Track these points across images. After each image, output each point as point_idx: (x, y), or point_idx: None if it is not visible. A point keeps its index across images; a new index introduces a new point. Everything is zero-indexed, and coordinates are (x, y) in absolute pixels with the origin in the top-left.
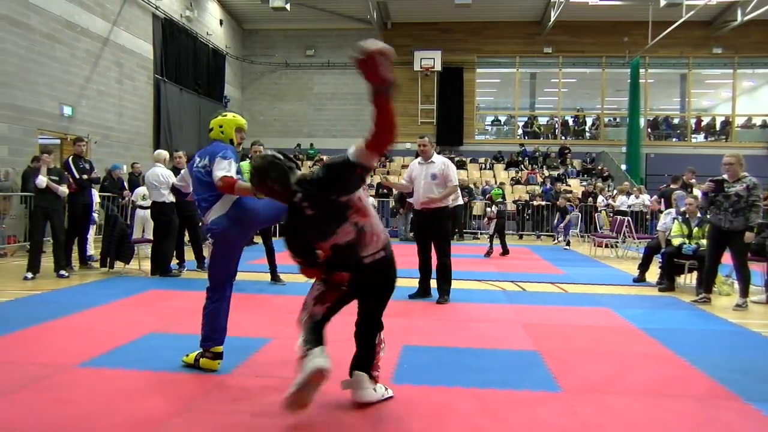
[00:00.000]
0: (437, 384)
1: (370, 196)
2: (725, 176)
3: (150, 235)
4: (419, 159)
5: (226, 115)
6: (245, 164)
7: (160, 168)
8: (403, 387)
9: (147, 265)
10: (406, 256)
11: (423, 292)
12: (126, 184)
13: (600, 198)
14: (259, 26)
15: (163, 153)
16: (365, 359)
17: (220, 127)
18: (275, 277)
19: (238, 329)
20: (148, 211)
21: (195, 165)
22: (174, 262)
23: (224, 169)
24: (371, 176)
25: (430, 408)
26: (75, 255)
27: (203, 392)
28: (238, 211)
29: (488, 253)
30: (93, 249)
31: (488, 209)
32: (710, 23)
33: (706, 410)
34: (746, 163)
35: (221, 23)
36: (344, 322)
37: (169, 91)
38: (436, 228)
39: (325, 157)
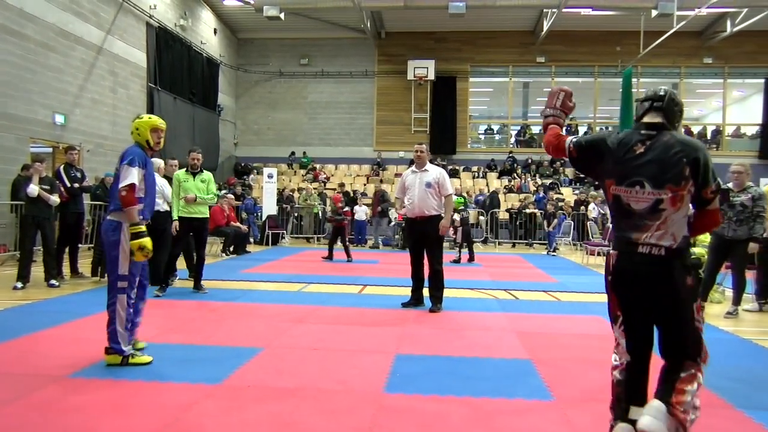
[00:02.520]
0: (430, 393)
1: (364, 204)
2: (730, 185)
3: None
4: (413, 167)
5: (141, 117)
6: (181, 173)
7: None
8: (395, 396)
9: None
10: (398, 264)
11: (416, 300)
12: None
13: (591, 206)
14: (254, 35)
15: (158, 161)
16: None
17: (137, 129)
18: (198, 286)
19: (228, 338)
20: None
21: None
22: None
23: (128, 178)
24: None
25: (423, 417)
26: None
27: (193, 403)
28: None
29: (457, 260)
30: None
31: (455, 216)
32: (701, 33)
33: (700, 418)
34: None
35: (215, 32)
36: None
37: (163, 100)
38: (430, 236)
39: (318, 166)
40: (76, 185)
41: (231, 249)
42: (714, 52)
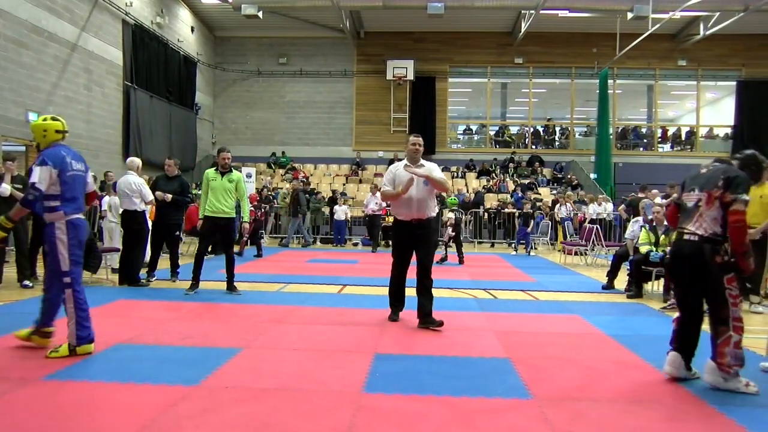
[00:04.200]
0: (410, 392)
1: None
2: None
3: (117, 244)
4: (404, 162)
5: (46, 119)
6: (210, 171)
7: (132, 176)
8: (375, 396)
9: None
10: (377, 264)
11: (398, 314)
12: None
13: (562, 207)
14: (232, 34)
15: (136, 161)
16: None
17: (44, 131)
18: (231, 287)
19: (207, 339)
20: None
21: None
22: (143, 271)
23: (32, 177)
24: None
25: (403, 417)
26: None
27: (170, 404)
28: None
29: (441, 259)
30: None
31: (449, 215)
32: (675, 36)
33: (673, 415)
34: None
35: (193, 30)
36: None
37: (139, 99)
38: (427, 237)
39: (297, 165)
40: None
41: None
42: (688, 54)
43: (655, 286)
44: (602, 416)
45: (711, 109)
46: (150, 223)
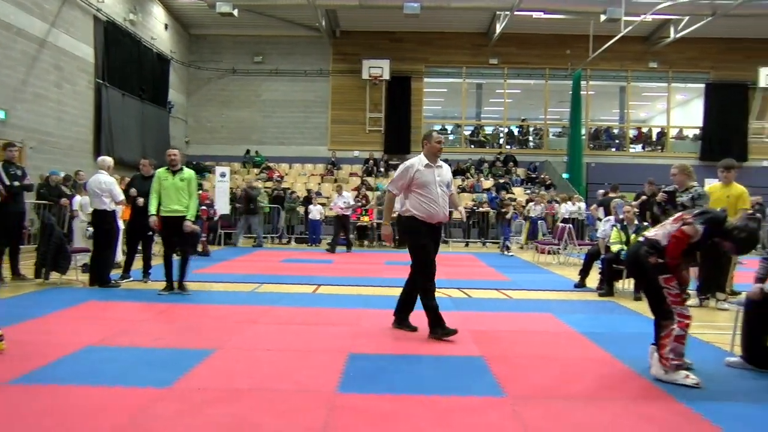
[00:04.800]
0: (384, 392)
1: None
2: (676, 186)
3: (84, 244)
4: (426, 161)
5: None
6: (161, 171)
7: (103, 175)
8: (349, 395)
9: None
10: (352, 264)
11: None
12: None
13: (536, 206)
14: (206, 32)
15: (108, 160)
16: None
17: None
18: (181, 286)
19: (180, 340)
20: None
21: None
22: (115, 271)
23: None
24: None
25: (377, 416)
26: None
27: (142, 408)
28: None
29: None
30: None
31: None
32: (647, 39)
33: (643, 410)
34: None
35: (166, 27)
36: None
37: (111, 96)
38: (440, 238)
39: (271, 165)
40: (17, 183)
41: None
42: (659, 56)
43: (626, 285)
44: (575, 414)
45: (681, 110)
46: (121, 223)
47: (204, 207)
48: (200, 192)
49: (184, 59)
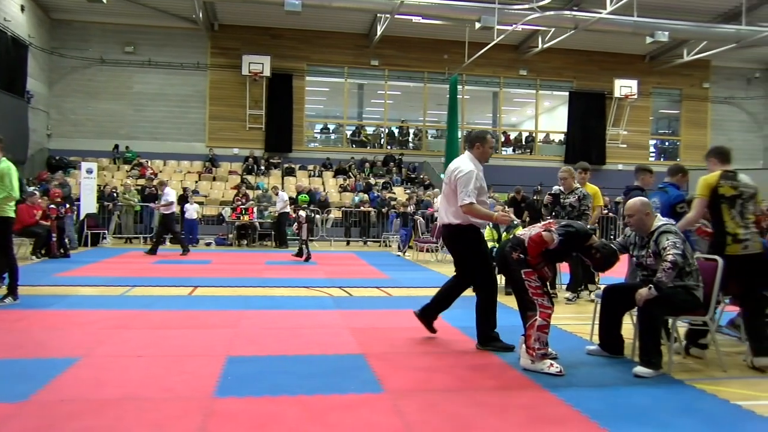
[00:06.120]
0: (262, 394)
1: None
2: (561, 188)
3: None
4: (480, 166)
5: None
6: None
7: None
8: (226, 400)
9: None
10: (232, 264)
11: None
12: None
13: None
14: (71, 17)
15: None
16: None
17: None
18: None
19: (38, 350)
20: None
21: None
22: None
23: None
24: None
25: (255, 419)
26: None
27: None
28: None
29: (306, 258)
30: None
31: (299, 213)
32: (518, 47)
33: (512, 398)
34: (547, 173)
35: (23, 9)
36: None
37: None
38: None
39: (143, 161)
40: None
41: (43, 251)
42: (528, 65)
43: (500, 281)
44: (451, 404)
45: (548, 116)
46: None
47: (53, 206)
48: (51, 187)
49: (45, 45)
